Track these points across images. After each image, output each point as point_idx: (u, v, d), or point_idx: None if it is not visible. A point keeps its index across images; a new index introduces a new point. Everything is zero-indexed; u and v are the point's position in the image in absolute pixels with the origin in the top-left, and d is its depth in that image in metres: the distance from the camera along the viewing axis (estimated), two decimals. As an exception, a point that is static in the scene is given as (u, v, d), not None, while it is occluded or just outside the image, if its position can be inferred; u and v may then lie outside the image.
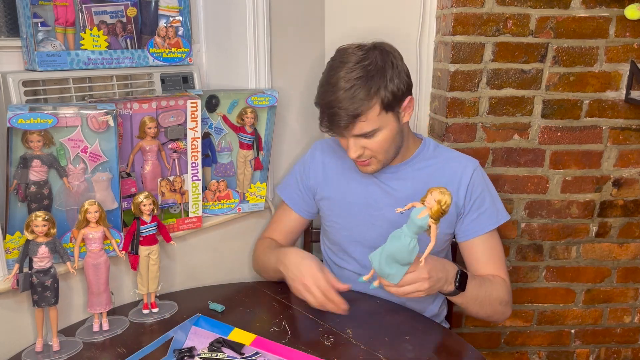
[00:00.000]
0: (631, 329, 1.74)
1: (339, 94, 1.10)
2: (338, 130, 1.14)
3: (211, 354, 1.01)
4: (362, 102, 1.10)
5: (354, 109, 1.09)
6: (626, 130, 1.54)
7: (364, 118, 1.11)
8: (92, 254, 1.04)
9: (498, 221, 1.26)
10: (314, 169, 1.35)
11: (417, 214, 0.96)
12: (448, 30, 1.48)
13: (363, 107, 1.10)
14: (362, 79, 1.10)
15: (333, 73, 1.13)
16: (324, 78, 1.17)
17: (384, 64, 1.13)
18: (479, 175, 1.27)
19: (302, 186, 1.37)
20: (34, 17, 1.06)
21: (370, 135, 1.14)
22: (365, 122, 1.11)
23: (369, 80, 1.10)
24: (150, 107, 1.14)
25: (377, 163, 1.20)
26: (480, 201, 1.25)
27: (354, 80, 1.10)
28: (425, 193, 0.95)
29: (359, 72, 1.11)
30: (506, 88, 1.50)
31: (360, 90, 1.09)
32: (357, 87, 1.09)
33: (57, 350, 1.01)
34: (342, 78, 1.11)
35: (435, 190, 0.94)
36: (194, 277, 1.35)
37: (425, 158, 1.28)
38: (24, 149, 0.98)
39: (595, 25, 1.45)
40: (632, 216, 1.62)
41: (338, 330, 1.10)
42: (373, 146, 1.16)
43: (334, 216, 1.32)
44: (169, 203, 1.23)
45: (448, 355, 1.05)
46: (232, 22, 1.36)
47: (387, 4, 1.58)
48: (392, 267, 1.00)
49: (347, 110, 1.10)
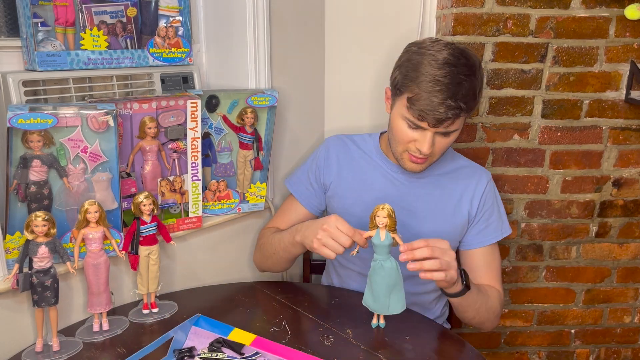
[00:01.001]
0: (631, 329, 1.74)
1: (450, 87, 1.06)
2: (434, 120, 1.08)
3: (211, 354, 1.01)
4: (470, 99, 1.09)
5: (465, 103, 1.08)
6: (626, 130, 1.54)
7: (467, 116, 1.12)
8: (92, 254, 1.04)
9: (502, 234, 1.27)
10: (328, 165, 1.34)
11: (379, 238, 1.03)
12: (448, 30, 1.48)
13: (471, 105, 1.10)
14: (470, 77, 1.09)
15: (433, 62, 1.08)
16: (419, 65, 1.10)
17: (480, 66, 1.14)
18: (492, 188, 1.28)
19: (314, 182, 1.36)
20: (34, 17, 1.06)
21: (449, 134, 1.13)
22: (462, 120, 1.12)
23: (474, 79, 1.10)
24: (150, 107, 1.14)
25: (429, 162, 1.19)
26: (489, 213, 1.26)
27: (462, 76, 1.08)
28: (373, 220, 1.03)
29: (465, 69, 1.08)
30: (506, 88, 1.50)
31: (470, 87, 1.09)
32: (467, 83, 1.08)
33: (57, 350, 1.01)
34: (449, 72, 1.07)
35: (377, 210, 1.02)
36: (194, 277, 1.35)
37: (444, 165, 1.29)
38: (24, 149, 0.98)
39: (595, 25, 1.45)
40: (632, 216, 1.62)
41: (338, 330, 1.10)
42: (443, 145, 1.15)
43: (347, 215, 1.30)
44: (169, 203, 1.23)
45: (448, 355, 1.05)
46: (232, 22, 1.36)
47: (387, 4, 1.58)
48: (390, 296, 1.06)
49: (458, 104, 1.07)
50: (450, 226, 1.25)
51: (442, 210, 1.25)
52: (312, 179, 1.36)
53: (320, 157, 1.36)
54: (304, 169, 1.39)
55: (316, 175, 1.35)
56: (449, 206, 1.25)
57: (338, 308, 1.18)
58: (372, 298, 1.07)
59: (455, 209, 1.25)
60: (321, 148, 1.38)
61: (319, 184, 1.35)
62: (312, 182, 1.36)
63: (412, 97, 1.10)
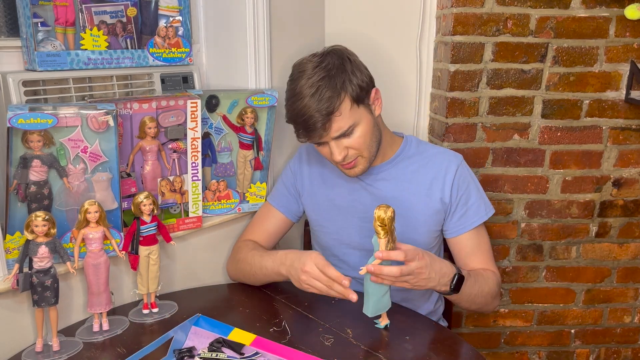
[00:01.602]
0: (631, 329, 1.74)
1: (306, 99, 1.10)
2: (316, 135, 1.13)
3: (211, 354, 1.01)
4: (331, 99, 1.10)
5: (326, 107, 1.10)
6: (626, 130, 1.54)
7: (338, 114, 1.11)
8: (92, 254, 1.04)
9: (485, 215, 1.26)
10: (300, 173, 1.36)
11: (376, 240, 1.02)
12: (448, 30, 1.48)
13: (334, 104, 1.10)
14: (325, 79, 1.11)
15: (295, 85, 1.14)
16: (288, 93, 1.17)
17: (341, 61, 1.14)
18: (464, 171, 1.27)
19: (290, 188, 1.37)
20: (34, 17, 1.06)
21: (349, 133, 1.14)
22: (340, 118, 1.11)
23: (332, 79, 1.11)
24: (150, 107, 1.14)
25: (363, 162, 1.19)
26: (466, 197, 1.25)
27: (317, 83, 1.11)
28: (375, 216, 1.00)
29: (320, 74, 1.12)
30: (506, 88, 1.50)
31: (327, 89, 1.10)
32: (322, 87, 1.10)
33: (57, 350, 1.01)
34: (305, 85, 1.12)
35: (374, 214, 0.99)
36: (194, 277, 1.35)
37: (408, 156, 1.28)
38: (24, 149, 0.98)
39: (595, 25, 1.45)
40: (632, 216, 1.62)
41: (338, 330, 1.10)
42: (355, 143, 1.15)
43: (322, 220, 1.33)
44: (169, 203, 1.23)
45: (448, 355, 1.05)
46: (232, 22, 1.36)
47: (387, 4, 1.58)
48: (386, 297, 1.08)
49: (320, 111, 1.10)
50: (424, 217, 1.24)
51: (415, 202, 1.24)
52: (288, 184, 1.37)
53: (293, 166, 1.38)
54: (280, 180, 1.41)
55: (291, 181, 1.37)
56: (420, 197, 1.24)
57: (338, 308, 1.18)
58: (374, 302, 1.07)
59: (426, 198, 1.24)
60: (295, 156, 1.40)
61: (294, 189, 1.36)
62: (289, 188, 1.37)
63: (294, 127, 1.17)
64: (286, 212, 1.36)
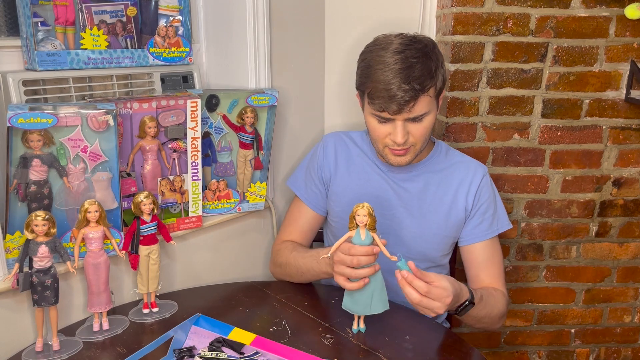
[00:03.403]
0: (631, 329, 1.74)
1: (399, 70, 1.07)
2: (396, 108, 1.09)
3: (211, 353, 1.01)
4: (425, 78, 1.09)
5: (419, 84, 1.08)
6: (626, 130, 1.54)
7: (426, 96, 1.10)
8: (92, 253, 1.04)
9: (500, 228, 1.27)
10: (327, 161, 1.33)
11: (359, 238, 1.01)
12: (448, 29, 1.48)
13: (427, 84, 1.09)
14: (421, 58, 1.09)
15: (382, 54, 1.11)
16: (371, 60, 1.13)
17: (434, 48, 1.14)
18: (488, 182, 1.28)
19: (317, 181, 1.34)
20: (34, 17, 1.06)
21: (420, 119, 1.13)
22: (425, 101, 1.10)
23: (427, 61, 1.10)
24: (150, 107, 1.14)
25: (413, 152, 1.18)
26: (485, 207, 1.25)
27: (412, 58, 1.08)
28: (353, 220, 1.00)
29: (415, 52, 1.09)
30: (506, 88, 1.50)
31: (423, 68, 1.09)
32: (417, 64, 1.08)
33: (57, 349, 1.01)
34: (399, 57, 1.08)
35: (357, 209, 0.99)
36: (194, 277, 1.35)
37: (438, 161, 1.28)
38: (24, 149, 0.98)
39: (595, 24, 1.45)
40: (632, 216, 1.62)
41: (338, 330, 1.10)
42: (418, 132, 1.14)
43: (343, 213, 1.29)
44: (169, 203, 1.23)
45: (448, 355, 1.05)
46: (232, 21, 1.36)
47: (387, 3, 1.58)
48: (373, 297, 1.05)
49: (413, 86, 1.07)
50: (446, 223, 1.25)
51: (438, 207, 1.24)
52: (315, 178, 1.34)
53: (319, 155, 1.35)
54: (304, 168, 1.38)
55: (318, 173, 1.34)
56: (444, 203, 1.25)
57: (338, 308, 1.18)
58: (352, 300, 1.05)
59: (451, 205, 1.24)
60: (319, 145, 1.37)
61: (321, 181, 1.34)
62: (315, 182, 1.34)
63: (371, 92, 1.12)
64: (317, 209, 1.35)
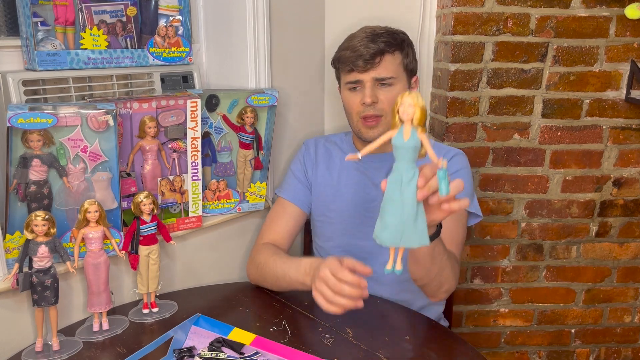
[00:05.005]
0: (631, 329, 1.74)
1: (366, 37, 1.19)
2: (362, 65, 1.18)
3: (211, 353, 1.01)
4: (391, 44, 1.19)
5: (384, 43, 1.18)
6: (626, 130, 1.54)
7: (391, 56, 1.19)
8: (92, 253, 1.04)
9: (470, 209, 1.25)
10: (310, 160, 1.38)
11: (401, 138, 0.72)
12: (448, 29, 1.47)
13: (391, 46, 1.19)
14: (388, 32, 1.22)
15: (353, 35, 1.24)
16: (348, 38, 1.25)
17: (404, 34, 1.26)
18: (462, 160, 1.27)
19: (302, 178, 1.37)
20: (34, 17, 1.06)
21: (387, 83, 1.20)
22: (391, 62, 1.20)
23: (394, 34, 1.23)
24: (150, 107, 1.14)
25: (384, 124, 1.22)
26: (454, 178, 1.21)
27: (381, 30, 1.22)
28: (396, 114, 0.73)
29: (384, 28, 1.23)
30: (506, 87, 1.50)
31: (389, 36, 1.21)
32: (384, 34, 1.21)
33: (57, 350, 1.00)
34: (367, 30, 1.22)
35: (402, 98, 0.72)
36: (194, 277, 1.35)
37: None
38: (24, 149, 0.98)
39: (595, 24, 1.45)
40: (632, 216, 1.62)
41: (338, 330, 1.10)
42: (387, 99, 1.20)
43: (326, 210, 1.33)
44: (169, 203, 1.23)
45: (448, 355, 1.05)
46: (232, 21, 1.36)
47: (387, 3, 1.58)
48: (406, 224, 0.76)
49: (378, 44, 1.18)
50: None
51: None
52: (299, 176, 1.38)
53: (302, 157, 1.40)
54: (290, 173, 1.41)
55: (303, 171, 1.38)
56: None
57: (338, 308, 1.18)
58: (381, 225, 0.77)
59: None
60: (301, 149, 1.42)
61: (306, 178, 1.38)
62: (300, 179, 1.38)
63: (340, 58, 1.24)
64: (300, 204, 1.35)
